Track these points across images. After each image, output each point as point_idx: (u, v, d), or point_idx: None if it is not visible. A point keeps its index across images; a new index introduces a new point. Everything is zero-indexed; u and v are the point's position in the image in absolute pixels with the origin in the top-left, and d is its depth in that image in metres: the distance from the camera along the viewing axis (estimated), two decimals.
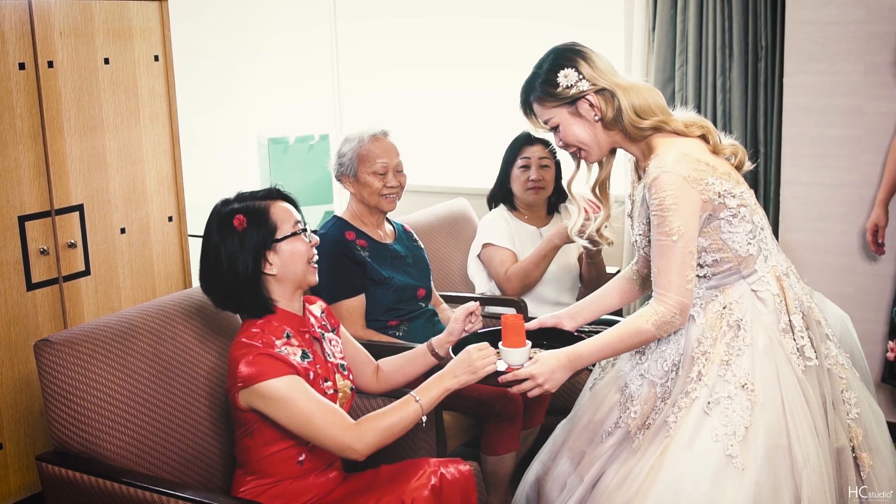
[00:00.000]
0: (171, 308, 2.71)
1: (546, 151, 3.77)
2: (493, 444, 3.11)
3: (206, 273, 2.46)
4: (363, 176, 3.27)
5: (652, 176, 2.33)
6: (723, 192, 2.34)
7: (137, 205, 3.62)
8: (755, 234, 2.41)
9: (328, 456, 2.47)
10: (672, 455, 2.31)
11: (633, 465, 2.38)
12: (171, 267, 3.76)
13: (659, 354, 2.48)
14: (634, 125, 2.39)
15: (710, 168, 2.34)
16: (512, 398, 3.10)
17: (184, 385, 2.63)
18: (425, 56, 5.52)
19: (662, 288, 2.33)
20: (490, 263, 3.72)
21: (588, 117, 2.42)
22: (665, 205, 2.30)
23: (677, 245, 2.30)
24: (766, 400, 2.32)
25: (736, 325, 2.39)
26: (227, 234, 2.39)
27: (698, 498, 2.25)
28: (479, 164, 5.24)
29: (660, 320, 2.33)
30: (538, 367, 2.37)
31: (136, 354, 2.55)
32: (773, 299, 2.40)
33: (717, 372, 2.35)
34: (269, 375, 2.28)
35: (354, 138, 3.30)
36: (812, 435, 2.30)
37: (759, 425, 2.29)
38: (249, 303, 2.43)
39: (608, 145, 2.47)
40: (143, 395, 2.53)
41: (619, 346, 2.40)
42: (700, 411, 2.33)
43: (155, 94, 3.65)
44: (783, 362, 2.35)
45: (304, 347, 2.42)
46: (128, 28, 3.53)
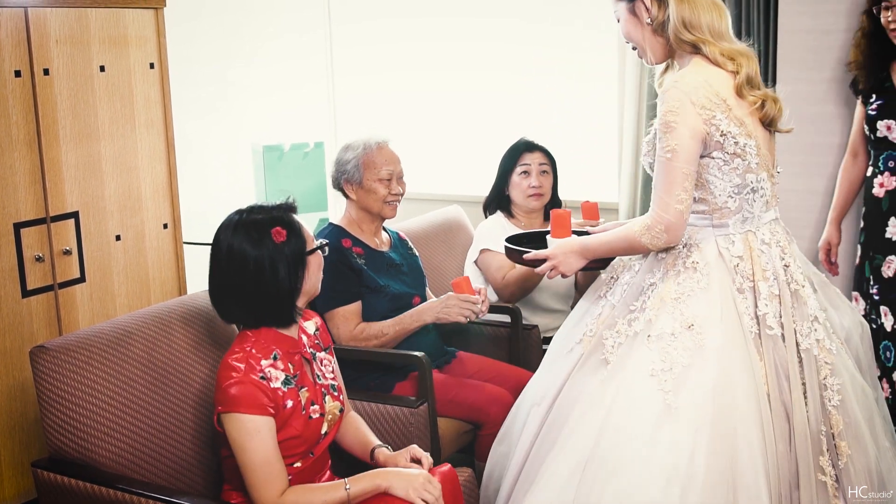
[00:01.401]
0: (165, 315, 2.72)
1: (545, 158, 3.79)
2: (487, 450, 3.12)
3: (227, 286, 2.41)
4: (369, 183, 3.28)
5: (665, 87, 2.40)
6: (725, 133, 2.35)
7: (132, 212, 3.63)
8: (741, 192, 2.40)
9: (314, 473, 2.49)
10: (612, 391, 2.34)
11: (580, 390, 2.43)
12: (166, 274, 3.77)
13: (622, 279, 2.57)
14: (677, 35, 2.42)
15: (724, 105, 2.35)
16: (506, 404, 3.11)
17: (179, 392, 2.65)
18: (419, 67, 5.54)
19: (654, 203, 2.38)
20: (487, 269, 3.73)
21: (641, 18, 2.49)
22: (665, 120, 2.35)
23: (671, 163, 2.33)
24: (710, 345, 2.32)
25: (692, 267, 2.41)
26: (265, 245, 2.36)
27: (635, 446, 2.28)
28: (473, 172, 5.26)
29: (648, 234, 2.38)
30: (554, 249, 2.57)
31: (131, 361, 2.56)
32: (732, 259, 2.40)
33: (666, 310, 2.38)
34: (243, 409, 2.29)
35: (358, 145, 3.31)
36: (754, 398, 2.29)
37: (702, 370, 2.30)
38: (279, 314, 2.41)
39: (658, 51, 2.52)
40: (138, 401, 2.54)
41: (619, 248, 2.50)
42: (641, 343, 2.37)
43: (150, 102, 3.67)
44: (733, 319, 2.35)
45: (290, 372, 2.41)
46: (123, 36, 3.55)
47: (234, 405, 2.29)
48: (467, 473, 2.68)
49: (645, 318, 2.39)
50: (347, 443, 2.64)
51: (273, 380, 2.36)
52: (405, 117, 5.58)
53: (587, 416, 2.38)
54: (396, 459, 2.48)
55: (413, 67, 5.55)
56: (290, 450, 2.38)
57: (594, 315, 2.58)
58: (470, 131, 5.46)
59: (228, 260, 2.39)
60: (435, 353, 3.33)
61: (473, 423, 3.16)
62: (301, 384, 2.43)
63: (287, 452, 2.37)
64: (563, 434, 2.41)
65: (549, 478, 2.37)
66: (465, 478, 2.64)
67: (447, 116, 5.53)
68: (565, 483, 2.34)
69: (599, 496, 2.28)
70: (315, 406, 2.44)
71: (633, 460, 2.28)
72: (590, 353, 2.49)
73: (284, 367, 2.40)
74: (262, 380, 2.33)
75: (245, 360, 2.35)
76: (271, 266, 2.36)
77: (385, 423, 2.97)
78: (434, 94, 5.54)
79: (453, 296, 3.13)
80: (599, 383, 2.39)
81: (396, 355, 3.17)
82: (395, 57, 5.58)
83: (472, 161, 5.39)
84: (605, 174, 5.04)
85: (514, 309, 3.56)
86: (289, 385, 2.38)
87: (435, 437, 3.04)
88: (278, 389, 2.35)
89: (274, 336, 2.43)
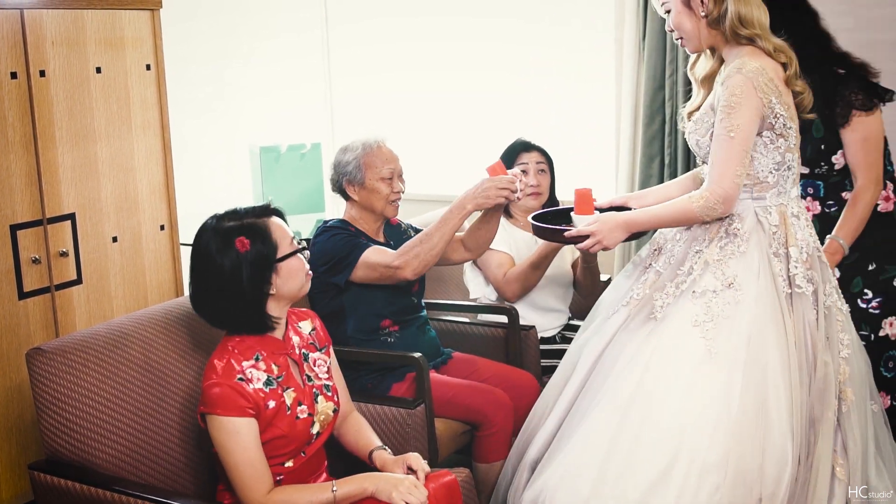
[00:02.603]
0: (162, 317, 2.73)
1: (542, 157, 3.79)
2: (485, 451, 3.13)
3: (201, 293, 2.46)
4: (371, 182, 3.28)
5: (727, 74, 2.62)
6: (778, 115, 2.61)
7: (129, 213, 3.64)
8: (779, 169, 2.67)
9: (308, 473, 2.50)
10: (657, 342, 2.62)
11: (624, 344, 2.68)
12: (163, 276, 3.78)
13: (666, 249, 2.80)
14: (734, 30, 2.64)
15: (777, 91, 2.61)
16: (503, 404, 3.13)
17: (175, 394, 2.66)
18: (416, 67, 5.55)
19: (714, 178, 2.61)
20: (488, 267, 3.72)
21: (696, 11, 2.69)
22: (731, 102, 2.57)
23: (734, 140, 2.57)
24: (746, 300, 2.59)
25: (734, 233, 2.66)
26: (228, 254, 2.38)
27: (675, 391, 2.54)
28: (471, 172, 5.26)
29: (705, 205, 2.60)
30: (598, 225, 2.72)
31: (127, 363, 2.57)
32: (769, 227, 2.66)
33: (710, 270, 2.64)
34: (220, 411, 2.32)
35: (357, 146, 3.31)
36: (784, 348, 2.56)
37: (740, 319, 2.57)
38: (249, 322, 2.44)
39: (708, 41, 2.73)
40: (135, 403, 2.55)
41: (668, 220, 2.71)
42: (687, 300, 2.63)
43: (147, 104, 3.68)
44: (768, 279, 2.62)
45: (273, 373, 2.42)
46: (120, 37, 3.56)
47: (212, 406, 2.33)
48: (465, 474, 2.69)
49: (691, 279, 2.66)
50: (348, 443, 2.66)
51: (253, 381, 2.38)
52: (402, 117, 5.59)
53: (629, 366, 2.63)
54: (392, 467, 2.51)
55: (410, 68, 5.56)
56: (277, 449, 2.40)
57: (641, 281, 2.80)
58: (467, 131, 5.47)
59: (200, 265, 2.43)
60: (432, 353, 3.34)
61: (471, 424, 3.17)
62: (286, 385, 2.44)
63: (275, 452, 2.39)
64: (605, 386, 2.65)
65: (591, 425, 2.60)
66: (463, 478, 2.65)
67: (444, 116, 5.54)
68: (606, 429, 2.57)
69: (637, 434, 2.53)
70: (303, 406, 2.46)
71: (673, 397, 2.54)
72: (636, 313, 2.73)
73: (267, 368, 2.42)
74: (241, 381, 2.35)
75: (226, 361, 2.38)
76: (233, 274, 2.38)
77: (382, 424, 2.98)
78: (431, 95, 5.55)
79: (488, 179, 3.12)
80: (645, 337, 2.65)
81: (393, 356, 3.18)
82: (391, 57, 5.59)
83: (470, 161, 5.40)
84: (603, 173, 5.05)
85: (511, 309, 3.57)
86: (271, 386, 2.40)
87: (432, 438, 3.05)
88: (259, 390, 2.37)
89: (258, 338, 2.45)
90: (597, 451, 2.56)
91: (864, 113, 3.05)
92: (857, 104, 3.05)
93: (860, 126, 3.07)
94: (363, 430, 2.66)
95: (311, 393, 2.51)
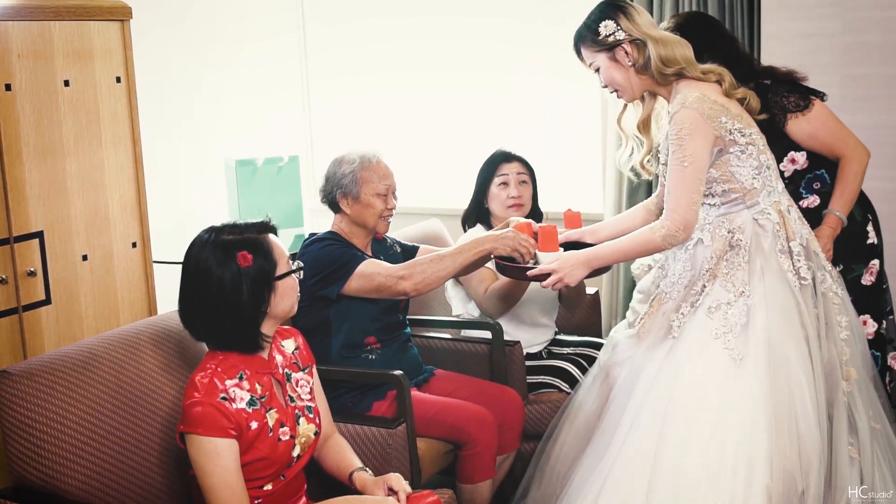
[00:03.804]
0: (134, 337, 2.72)
1: (523, 167, 3.81)
2: (469, 471, 3.14)
3: (193, 307, 2.45)
4: (366, 197, 3.29)
5: (673, 111, 2.81)
6: (733, 130, 2.79)
7: (99, 231, 3.63)
8: (760, 171, 2.85)
9: (288, 497, 2.50)
10: (679, 358, 2.78)
11: (643, 364, 2.85)
12: (135, 295, 3.77)
13: (670, 271, 2.96)
14: (660, 72, 2.86)
15: (724, 109, 2.80)
16: (487, 422, 3.13)
17: (147, 416, 2.65)
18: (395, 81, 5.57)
19: (671, 206, 2.79)
20: (468, 282, 3.72)
21: (623, 63, 2.91)
22: (681, 135, 2.77)
23: (688, 170, 2.76)
24: (760, 304, 2.77)
25: (737, 245, 2.84)
26: (229, 267, 2.39)
27: (710, 397, 2.71)
28: (452, 184, 5.28)
29: (666, 233, 2.78)
30: (560, 262, 2.90)
31: (98, 385, 2.56)
32: (773, 226, 2.84)
33: (719, 284, 2.81)
34: (202, 431, 2.32)
35: (354, 159, 3.32)
36: (804, 342, 2.75)
37: (755, 323, 2.75)
38: (243, 340, 2.44)
39: (641, 88, 2.95)
40: (106, 427, 2.55)
41: (630, 252, 2.92)
42: (703, 316, 2.81)
43: (117, 117, 3.67)
44: (779, 277, 2.79)
45: (257, 393, 2.42)
46: (88, 49, 3.56)
47: (193, 426, 2.32)
48: (448, 495, 2.69)
49: (704, 295, 2.83)
50: (328, 466, 2.65)
51: (237, 400, 2.37)
52: (383, 130, 5.61)
53: (654, 385, 2.79)
54: (372, 489, 2.51)
55: (389, 82, 5.58)
56: (257, 472, 2.39)
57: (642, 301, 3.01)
58: (448, 143, 5.49)
59: (195, 278, 2.42)
60: (413, 371, 3.34)
61: (454, 444, 3.17)
62: (269, 405, 2.44)
63: (255, 475, 2.38)
64: (630, 407, 2.81)
65: (629, 452, 2.74)
66: (446, 499, 2.65)
67: (424, 128, 5.56)
68: (646, 451, 2.71)
69: (678, 448, 2.68)
70: (285, 428, 2.45)
71: (707, 407, 2.70)
72: (649, 334, 2.91)
73: (251, 388, 2.41)
74: (224, 400, 2.35)
75: (209, 379, 2.37)
76: (233, 289, 2.38)
77: (362, 444, 2.98)
78: (410, 109, 5.57)
79: (513, 231, 3.18)
80: (664, 355, 2.82)
81: (374, 374, 3.18)
82: (370, 70, 5.61)
83: (452, 173, 5.42)
84: (588, 184, 5.07)
85: (495, 324, 3.57)
86: (254, 406, 2.40)
87: (414, 458, 3.05)
88: (242, 411, 2.37)
89: (242, 356, 2.44)
90: (642, 474, 2.69)
91: (801, 113, 3.23)
92: (791, 106, 3.23)
93: (812, 119, 3.23)
94: (343, 452, 2.66)
95: (293, 414, 2.51)
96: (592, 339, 3.96)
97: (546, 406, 3.58)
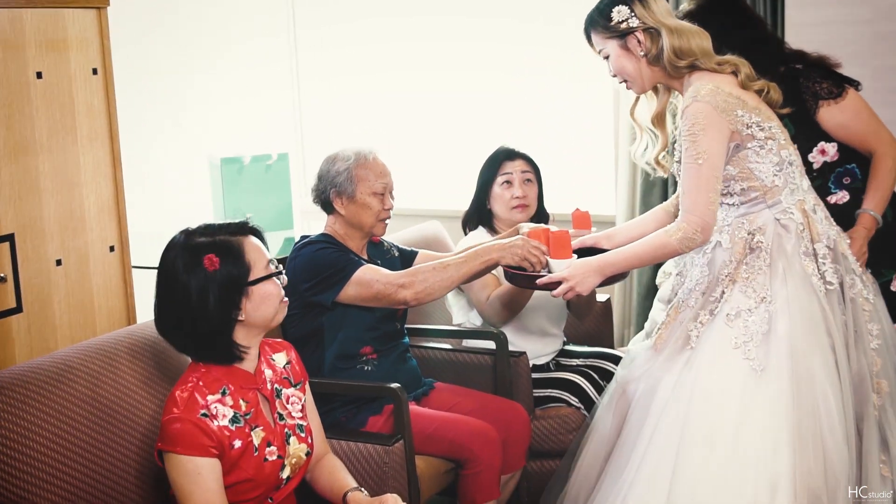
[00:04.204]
0: (112, 347, 2.72)
1: (528, 166, 3.80)
2: (471, 492, 3.13)
3: (166, 314, 2.46)
4: (363, 196, 3.28)
5: (684, 104, 2.81)
6: (751, 124, 2.78)
7: (75, 233, 3.62)
8: (782, 168, 2.84)
9: None
10: (697, 370, 2.78)
11: (660, 378, 2.85)
12: (113, 302, 3.76)
13: (689, 277, 2.98)
14: (672, 63, 2.86)
15: (740, 101, 2.79)
16: (490, 439, 3.12)
17: (126, 432, 2.65)
18: (391, 71, 5.57)
19: (687, 207, 2.78)
20: (470, 289, 3.71)
21: (635, 52, 2.91)
22: (693, 130, 2.76)
23: (703, 168, 2.75)
24: (783, 311, 2.76)
25: (758, 248, 2.83)
26: (196, 273, 2.38)
27: (728, 412, 2.71)
28: (452, 185, 5.27)
29: (683, 236, 2.76)
30: (571, 270, 2.89)
31: (72, 399, 2.56)
32: (796, 227, 2.83)
33: (739, 289, 2.81)
34: (181, 450, 2.32)
35: (349, 156, 3.31)
36: (831, 352, 2.74)
37: (777, 331, 2.74)
38: (214, 350, 2.43)
39: (652, 80, 2.96)
40: (81, 444, 2.54)
41: (645, 257, 2.89)
42: (722, 324, 2.80)
43: (94, 111, 3.67)
44: (803, 281, 2.79)
45: (241, 409, 2.42)
46: (63, 39, 3.55)
47: (171, 443, 2.32)
48: None
49: (723, 302, 2.83)
50: (321, 488, 2.65)
51: (219, 417, 2.37)
52: (377, 127, 5.61)
53: (672, 397, 2.79)
54: None
55: (385, 74, 5.58)
56: (242, 494, 2.39)
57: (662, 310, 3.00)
58: (448, 141, 5.48)
59: (165, 283, 2.43)
60: (412, 384, 3.34)
61: (455, 462, 3.17)
62: (255, 423, 2.43)
63: (239, 497, 2.38)
64: (648, 420, 2.81)
65: (648, 468, 2.74)
66: None
67: (423, 126, 5.56)
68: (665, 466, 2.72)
69: (699, 464, 2.68)
70: (272, 447, 2.45)
71: (727, 421, 2.70)
72: (666, 345, 2.91)
73: (234, 404, 2.41)
74: (205, 417, 2.34)
75: (189, 394, 2.36)
76: (199, 296, 2.38)
77: (357, 462, 2.97)
78: (407, 103, 5.57)
79: (522, 238, 3.17)
80: (682, 367, 2.82)
81: (370, 387, 3.18)
82: (364, 64, 5.60)
83: (452, 173, 5.41)
84: (599, 183, 5.07)
85: (499, 334, 3.57)
86: (237, 424, 2.39)
87: (413, 477, 3.05)
88: (224, 428, 2.36)
89: (226, 370, 2.44)
90: (660, 495, 2.70)
91: (834, 101, 3.22)
92: (823, 93, 3.22)
93: (845, 108, 3.23)
94: (337, 472, 2.65)
95: (283, 433, 2.50)
96: (604, 350, 3.95)
97: (554, 422, 3.58)
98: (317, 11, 5.68)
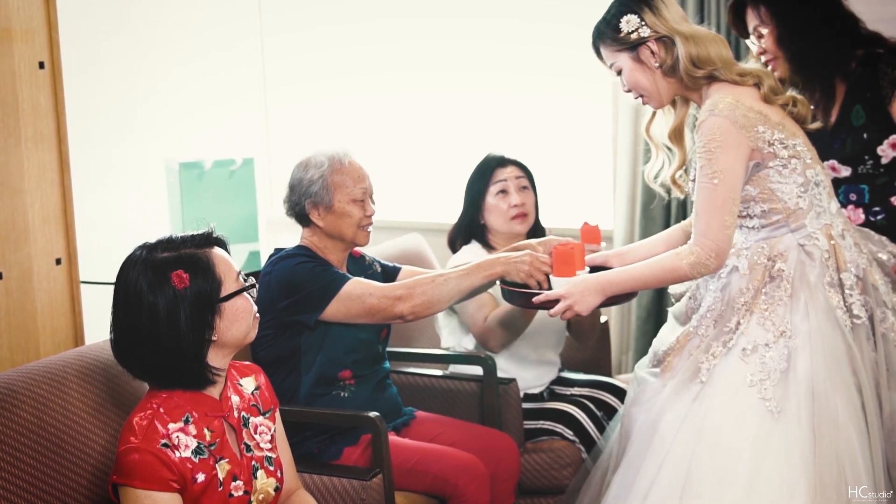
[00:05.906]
0: (60, 370, 2.72)
1: (522, 172, 3.80)
2: None
3: (125, 339, 2.44)
4: (341, 205, 3.27)
5: (701, 119, 2.80)
6: (773, 141, 2.78)
7: (17, 245, 3.60)
8: (807, 189, 2.83)
9: None
10: (706, 408, 2.76)
11: (663, 410, 2.84)
12: (59, 321, 3.74)
13: (702, 302, 2.97)
14: (689, 74, 2.86)
15: (762, 116, 2.79)
16: (477, 473, 3.12)
17: (74, 464, 2.64)
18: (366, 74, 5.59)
19: (700, 230, 2.78)
20: (464, 310, 3.70)
21: (648, 64, 2.91)
22: (710, 147, 2.76)
23: (718, 188, 2.74)
24: (804, 346, 2.74)
25: (778, 276, 2.82)
26: (163, 291, 2.37)
27: (740, 457, 2.68)
28: (434, 195, 5.29)
29: (695, 261, 2.76)
30: (570, 288, 2.89)
31: (16, 427, 2.55)
32: (821, 254, 2.82)
33: (756, 321, 2.80)
34: (138, 483, 2.31)
35: (322, 161, 3.29)
36: (856, 392, 2.72)
37: (797, 369, 2.72)
38: (185, 375, 2.42)
39: (669, 93, 2.96)
40: (26, 475, 2.53)
41: (652, 279, 2.89)
42: (736, 359, 2.79)
43: (39, 110, 3.65)
44: (826, 315, 2.77)
45: (205, 439, 2.41)
46: (5, 29, 3.54)
47: (128, 476, 2.31)
48: None
49: (738, 334, 2.82)
50: None
51: (181, 448, 2.36)
52: (351, 131, 5.62)
53: (678, 434, 2.78)
54: None
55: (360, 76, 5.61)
56: None
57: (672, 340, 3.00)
58: (427, 147, 5.50)
59: (126, 305, 2.41)
60: (391, 413, 3.34)
61: (438, 498, 3.17)
62: (220, 454, 2.43)
63: None
64: (649, 458, 2.80)
65: None
66: None
67: (400, 131, 5.57)
68: None
69: None
70: (238, 482, 2.44)
71: (739, 466, 2.68)
72: (675, 374, 2.90)
73: (198, 434, 2.40)
74: (166, 447, 2.34)
75: (149, 422, 2.36)
76: (169, 316, 2.37)
77: (331, 498, 2.97)
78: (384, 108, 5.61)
79: (528, 253, 3.18)
80: (690, 402, 2.81)
81: (344, 416, 3.17)
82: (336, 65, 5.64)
83: (432, 182, 5.43)
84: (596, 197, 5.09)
85: (487, 358, 3.56)
86: (201, 455, 2.39)
87: None
88: (186, 460, 2.36)
89: (189, 395, 2.43)
90: None
91: None
92: None
93: None
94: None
95: (250, 466, 2.50)
96: (602, 379, 3.95)
97: (547, 456, 3.58)
98: (285, 9, 5.69)
